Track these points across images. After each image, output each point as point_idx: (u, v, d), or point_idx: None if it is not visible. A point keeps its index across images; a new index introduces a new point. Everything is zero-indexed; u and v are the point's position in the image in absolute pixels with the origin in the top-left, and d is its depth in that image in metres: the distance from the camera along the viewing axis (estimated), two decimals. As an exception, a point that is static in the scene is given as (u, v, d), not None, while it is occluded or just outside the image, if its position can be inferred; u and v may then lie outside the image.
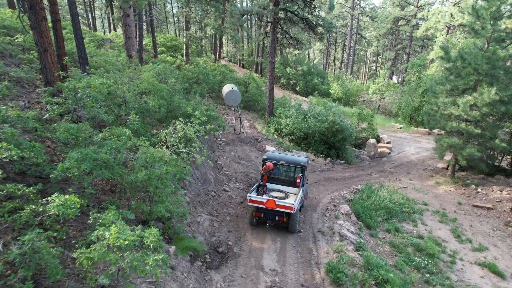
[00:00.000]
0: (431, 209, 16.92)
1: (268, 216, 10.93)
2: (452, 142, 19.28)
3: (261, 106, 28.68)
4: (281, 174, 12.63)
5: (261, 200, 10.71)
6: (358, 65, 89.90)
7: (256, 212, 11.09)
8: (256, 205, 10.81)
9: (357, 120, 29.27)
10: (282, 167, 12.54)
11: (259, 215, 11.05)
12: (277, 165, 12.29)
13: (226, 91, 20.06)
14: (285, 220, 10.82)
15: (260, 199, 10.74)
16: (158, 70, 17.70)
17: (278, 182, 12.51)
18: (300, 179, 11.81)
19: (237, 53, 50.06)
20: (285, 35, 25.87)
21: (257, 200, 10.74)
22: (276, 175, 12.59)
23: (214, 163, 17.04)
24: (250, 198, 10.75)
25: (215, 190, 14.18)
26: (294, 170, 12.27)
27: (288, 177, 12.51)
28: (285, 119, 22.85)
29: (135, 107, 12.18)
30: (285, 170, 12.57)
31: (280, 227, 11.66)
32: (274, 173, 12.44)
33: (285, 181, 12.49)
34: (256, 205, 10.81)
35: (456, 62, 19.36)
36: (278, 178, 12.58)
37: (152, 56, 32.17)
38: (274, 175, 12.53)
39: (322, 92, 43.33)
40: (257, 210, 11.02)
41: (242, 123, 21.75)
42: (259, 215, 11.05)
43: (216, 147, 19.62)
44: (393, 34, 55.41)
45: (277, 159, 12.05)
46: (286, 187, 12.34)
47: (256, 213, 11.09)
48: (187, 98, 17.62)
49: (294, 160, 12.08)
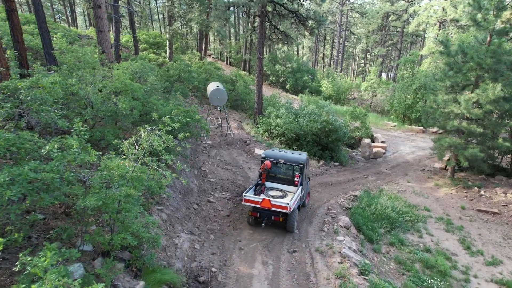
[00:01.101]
0: (434, 215, 15.66)
1: (264, 215, 10.75)
2: (453, 142, 18.08)
3: (249, 105, 27.13)
4: (280, 172, 12.24)
5: (257, 199, 10.50)
6: (347, 62, 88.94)
7: (252, 212, 10.91)
8: (251, 205, 10.61)
9: (350, 119, 27.94)
10: (280, 166, 12.13)
11: (255, 215, 10.88)
12: (276, 164, 11.93)
13: (210, 90, 18.44)
14: (281, 220, 10.60)
15: (255, 199, 10.53)
16: (136, 68, 15.99)
17: (277, 181, 12.15)
18: (299, 178, 11.44)
19: (224, 50, 48.35)
20: (274, 29, 24.32)
21: (253, 200, 10.53)
22: (275, 174, 12.21)
23: (198, 170, 15.45)
24: (245, 198, 10.56)
25: (198, 202, 12.59)
26: (293, 168, 11.89)
27: (287, 175, 12.14)
28: (275, 119, 21.34)
29: (103, 110, 10.52)
30: (284, 168, 12.17)
31: (274, 243, 10.23)
32: (273, 171, 12.14)
33: (284, 179, 12.11)
34: (252, 205, 10.61)
35: (456, 56, 18.15)
36: (277, 176, 12.21)
37: (133, 54, 30.30)
38: (273, 173, 12.19)
39: (312, 89, 41.98)
40: (253, 209, 10.84)
41: (229, 124, 20.17)
42: (255, 215, 10.88)
43: (200, 151, 18.00)
44: (383, 30, 54.40)
45: (276, 158, 11.69)
46: (285, 185, 11.93)
47: (252, 212, 10.91)
48: (167, 98, 15.96)
49: (292, 158, 11.61)
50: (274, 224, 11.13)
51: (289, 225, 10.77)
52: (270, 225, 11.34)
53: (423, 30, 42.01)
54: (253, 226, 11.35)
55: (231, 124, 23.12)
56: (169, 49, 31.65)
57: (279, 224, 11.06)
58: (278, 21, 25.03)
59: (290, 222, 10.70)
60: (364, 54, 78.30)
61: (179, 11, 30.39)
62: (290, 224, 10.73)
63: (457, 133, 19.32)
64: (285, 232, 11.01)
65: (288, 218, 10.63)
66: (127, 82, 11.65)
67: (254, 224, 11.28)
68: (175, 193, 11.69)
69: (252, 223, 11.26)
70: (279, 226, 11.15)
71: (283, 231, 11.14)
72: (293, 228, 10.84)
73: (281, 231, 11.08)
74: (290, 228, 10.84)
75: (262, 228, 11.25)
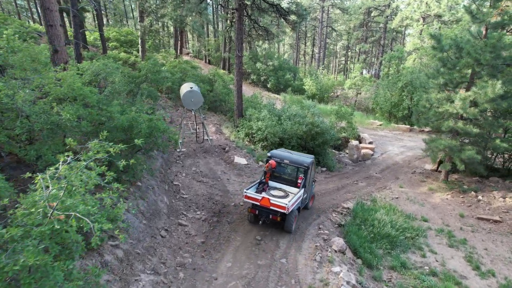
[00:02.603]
0: (433, 226, 14.25)
1: (262, 213, 10.78)
2: (449, 144, 16.75)
3: (229, 106, 25.23)
4: (284, 173, 12.24)
5: (256, 197, 10.52)
6: (329, 59, 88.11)
7: (251, 209, 10.96)
8: (251, 202, 10.67)
9: (335, 119, 26.46)
10: (285, 166, 12.13)
11: (254, 212, 10.92)
12: (281, 164, 11.92)
13: (183, 92, 16.44)
14: (278, 219, 10.59)
15: (255, 196, 10.56)
16: (97, 69, 13.85)
17: (280, 181, 12.09)
18: (302, 180, 11.41)
19: (201, 48, 46.14)
20: (253, 25, 22.49)
21: (253, 197, 10.58)
22: (279, 174, 12.21)
23: (169, 185, 13.48)
24: (246, 194, 10.65)
25: (168, 226, 10.65)
26: (297, 170, 11.89)
27: (290, 176, 12.10)
28: (257, 122, 19.53)
29: (40, 121, 8.43)
30: (288, 169, 12.17)
31: (257, 279, 8.45)
32: (277, 171, 12.15)
33: (288, 180, 12.06)
34: (252, 202, 10.65)
35: (449, 51, 16.82)
36: (281, 177, 12.19)
37: (101, 53, 27.82)
38: (277, 173, 12.19)
39: (295, 88, 40.38)
40: (252, 207, 10.90)
41: (206, 129, 18.22)
42: (254, 212, 10.92)
43: (173, 161, 16.01)
44: (365, 26, 53.43)
45: (281, 158, 11.67)
46: (288, 186, 11.84)
47: (251, 209, 10.97)
48: (133, 102, 13.88)
49: (297, 160, 11.53)
50: (271, 224, 11.13)
51: (286, 226, 10.73)
52: (254, 252, 9.65)
53: (407, 25, 41.11)
54: (233, 254, 9.54)
55: (209, 128, 21.17)
56: (141, 47, 29.27)
57: (277, 224, 11.09)
58: (258, 16, 23.22)
59: (288, 223, 10.67)
60: (345, 51, 77.59)
61: (151, 6, 28.09)
62: (288, 224, 10.69)
63: (450, 134, 18.06)
64: (271, 264, 9.23)
65: (286, 218, 10.61)
66: (75, 87, 9.56)
67: (253, 221, 11.30)
68: (137, 218, 9.73)
69: (251, 220, 11.31)
70: (277, 225, 11.15)
71: (269, 261, 9.37)
72: (290, 229, 10.79)
73: (266, 262, 9.31)
74: (287, 229, 10.79)
75: (244, 258, 9.45)
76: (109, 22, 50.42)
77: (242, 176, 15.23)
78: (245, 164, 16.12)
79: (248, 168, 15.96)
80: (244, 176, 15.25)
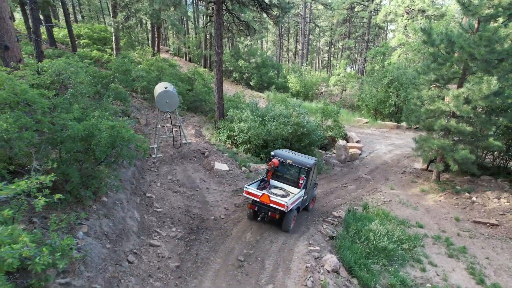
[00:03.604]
0: (429, 233, 13.34)
1: (261, 210, 10.86)
2: (442, 144, 15.90)
3: (209, 106, 23.83)
4: (286, 173, 12.19)
5: (257, 193, 10.60)
6: (312, 55, 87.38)
7: (251, 205, 11.02)
8: (251, 198, 10.71)
9: (321, 117, 25.43)
10: (287, 166, 12.05)
11: (253, 208, 10.99)
12: (283, 163, 11.96)
13: (157, 92, 14.96)
14: (277, 217, 10.65)
15: (255, 192, 10.62)
16: (58, 68, 12.27)
17: (282, 181, 12.14)
18: (303, 180, 11.51)
19: (180, 45, 44.38)
20: (233, 19, 21.11)
21: (253, 193, 10.64)
22: (282, 173, 12.22)
23: (141, 197, 12.05)
24: (246, 190, 10.71)
25: (137, 248, 9.26)
26: (299, 170, 11.79)
27: (292, 177, 12.05)
28: (239, 124, 18.22)
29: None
30: (290, 169, 12.07)
31: None
32: (280, 171, 12.19)
33: (290, 180, 12.06)
34: (252, 198, 10.70)
35: (440, 46, 15.93)
36: (283, 176, 12.20)
37: (70, 51, 25.92)
38: (280, 173, 12.22)
39: (279, 86, 39.22)
40: (252, 203, 10.96)
41: (183, 132, 16.80)
42: (253, 208, 10.99)
43: (147, 169, 14.55)
44: (349, 21, 52.70)
45: (284, 158, 11.78)
46: (289, 186, 11.88)
47: (250, 205, 11.03)
48: (98, 106, 12.34)
49: (299, 161, 11.66)
50: (270, 221, 11.10)
51: (284, 225, 10.73)
52: (236, 277, 8.41)
53: (391, 20, 40.49)
54: (212, 280, 8.26)
55: (188, 131, 19.74)
56: (115, 45, 27.46)
57: (275, 222, 11.04)
58: (239, 12, 21.85)
59: (286, 222, 10.67)
60: (328, 47, 77.00)
61: (124, 0, 26.30)
62: (286, 223, 10.69)
63: (442, 133, 17.24)
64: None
65: (285, 217, 10.63)
66: (19, 90, 8.04)
67: (253, 218, 11.29)
68: (99, 243, 8.30)
69: (250, 217, 11.32)
70: (275, 223, 11.11)
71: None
72: (288, 228, 10.77)
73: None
74: (285, 228, 10.78)
75: (225, 285, 8.18)
76: (84, 19, 47.99)
77: (223, 184, 13.92)
78: (227, 171, 14.81)
79: (230, 174, 14.66)
80: (226, 184, 13.95)
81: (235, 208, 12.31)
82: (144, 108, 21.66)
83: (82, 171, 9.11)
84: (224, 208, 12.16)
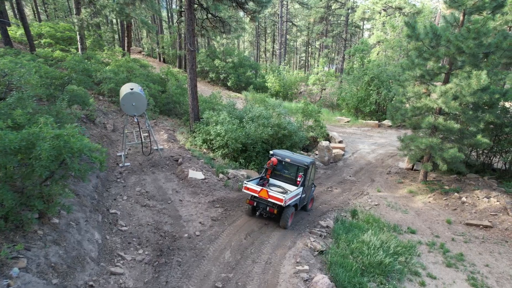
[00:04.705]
0: (423, 239, 12.44)
1: (260, 205, 11.10)
2: (430, 143, 15.12)
3: (184, 109, 22.32)
4: (285, 171, 12.49)
5: (255, 188, 10.82)
6: (290, 55, 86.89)
7: (249, 200, 11.26)
8: (250, 193, 10.94)
9: (302, 117, 24.41)
10: (286, 165, 12.38)
11: (252, 203, 11.23)
12: (282, 162, 12.25)
13: (123, 94, 13.39)
14: (275, 212, 10.83)
15: (254, 188, 10.84)
16: (3, 67, 10.61)
17: (281, 179, 12.44)
18: (301, 178, 11.70)
19: (152, 44, 42.44)
20: (206, 14, 19.73)
21: (252, 188, 10.87)
22: (280, 172, 12.52)
23: (103, 214, 10.50)
24: (246, 186, 10.94)
25: (94, 280, 7.75)
26: (297, 169, 12.07)
27: (290, 175, 12.35)
28: (215, 126, 16.86)
29: None
30: (289, 168, 12.39)
31: None
32: (279, 169, 12.50)
33: (288, 178, 12.37)
34: (251, 193, 10.93)
35: (425, 40, 15.15)
36: (282, 175, 12.49)
37: (28, 50, 23.71)
38: (278, 171, 12.52)
39: (257, 86, 38.02)
40: (251, 198, 11.22)
41: (154, 137, 15.27)
42: (252, 203, 11.23)
43: (113, 181, 12.96)
44: (326, 20, 52.24)
45: (282, 156, 12.09)
46: (288, 184, 12.18)
47: (249, 201, 11.26)
48: (48, 111, 10.67)
49: (297, 159, 11.96)
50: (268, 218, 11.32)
51: (282, 220, 10.88)
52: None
53: (369, 18, 40.13)
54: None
55: (160, 135, 18.18)
56: (80, 44, 25.41)
57: (273, 218, 11.24)
58: (215, 10, 20.42)
59: (284, 218, 10.82)
60: (306, 47, 76.66)
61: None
62: (284, 219, 10.84)
63: (428, 131, 16.50)
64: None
65: (283, 213, 10.83)
66: None
67: (251, 214, 11.49)
68: (43, 278, 6.77)
69: (248, 213, 11.53)
70: (273, 219, 11.32)
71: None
72: (286, 224, 10.90)
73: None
74: (283, 224, 10.92)
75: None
76: (49, 18, 45.13)
77: (198, 194, 12.52)
78: (202, 179, 13.41)
79: (206, 183, 13.27)
80: (201, 194, 12.55)
81: (212, 222, 10.97)
82: (112, 112, 19.91)
83: (23, 190, 7.55)
84: (199, 223, 10.79)
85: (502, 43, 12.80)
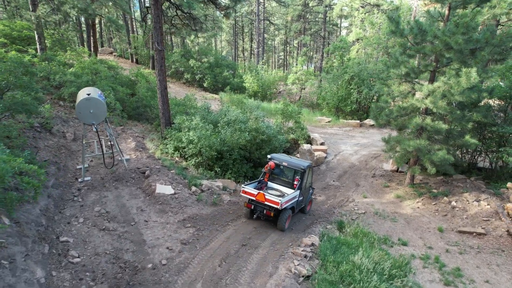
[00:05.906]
0: (416, 252, 11.45)
1: (257, 208, 11.26)
2: (418, 145, 14.21)
3: (155, 113, 20.68)
4: (283, 175, 12.77)
5: (253, 192, 11.04)
6: (268, 54, 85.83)
7: (247, 203, 11.47)
8: (248, 196, 11.17)
9: (281, 119, 23.25)
10: (283, 169, 12.66)
11: (250, 206, 11.42)
12: (279, 166, 12.48)
13: (78, 100, 11.73)
14: (272, 215, 10.96)
15: (252, 191, 11.07)
16: None
17: (279, 183, 12.61)
18: (298, 182, 11.91)
19: (122, 44, 40.25)
20: (175, 11, 18.20)
21: (250, 192, 11.09)
22: (278, 176, 12.75)
23: (51, 244, 8.88)
24: (243, 189, 11.19)
25: (28, 336, 6.20)
26: (294, 172, 12.36)
27: (288, 178, 12.61)
28: (187, 133, 15.39)
29: None
30: (286, 172, 12.70)
31: None
32: (276, 173, 12.71)
33: (285, 182, 12.58)
34: (248, 196, 11.17)
35: (409, 36, 14.23)
36: (280, 179, 12.73)
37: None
38: (276, 175, 12.73)
39: (234, 86, 36.62)
40: (248, 201, 11.41)
41: (118, 147, 13.66)
42: (250, 206, 11.42)
43: (69, 199, 11.30)
44: (304, 17, 51.38)
45: (280, 160, 12.24)
46: (285, 188, 12.33)
47: (247, 204, 11.47)
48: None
49: (294, 163, 12.07)
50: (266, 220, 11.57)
51: (279, 223, 11.05)
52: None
53: (347, 15, 39.45)
54: None
55: (127, 144, 16.54)
56: (39, 44, 23.36)
57: (270, 220, 11.43)
58: (185, 2, 18.87)
59: (281, 220, 10.98)
60: (284, 45, 75.82)
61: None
62: (281, 222, 11.00)
63: (415, 132, 15.63)
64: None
65: (280, 215, 10.97)
66: None
67: (249, 217, 11.66)
68: None
69: (246, 215, 11.72)
70: (271, 222, 11.49)
71: None
72: (283, 227, 11.08)
73: None
74: (280, 226, 11.11)
75: None
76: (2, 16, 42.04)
77: (166, 213, 11.04)
78: (172, 194, 11.93)
79: (176, 199, 11.80)
80: (170, 212, 11.08)
81: (181, 246, 9.54)
82: (73, 119, 18.05)
83: None
84: (166, 248, 9.34)
85: (491, 38, 11.96)
